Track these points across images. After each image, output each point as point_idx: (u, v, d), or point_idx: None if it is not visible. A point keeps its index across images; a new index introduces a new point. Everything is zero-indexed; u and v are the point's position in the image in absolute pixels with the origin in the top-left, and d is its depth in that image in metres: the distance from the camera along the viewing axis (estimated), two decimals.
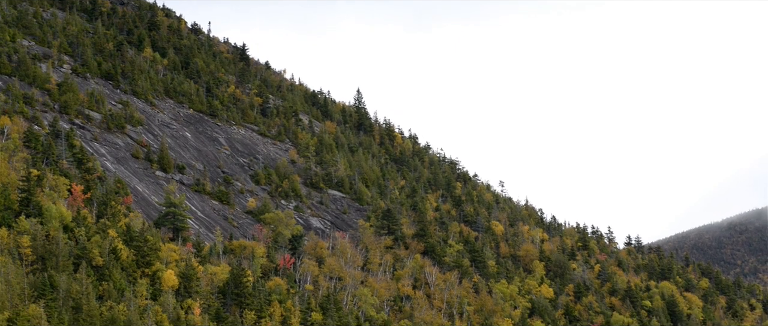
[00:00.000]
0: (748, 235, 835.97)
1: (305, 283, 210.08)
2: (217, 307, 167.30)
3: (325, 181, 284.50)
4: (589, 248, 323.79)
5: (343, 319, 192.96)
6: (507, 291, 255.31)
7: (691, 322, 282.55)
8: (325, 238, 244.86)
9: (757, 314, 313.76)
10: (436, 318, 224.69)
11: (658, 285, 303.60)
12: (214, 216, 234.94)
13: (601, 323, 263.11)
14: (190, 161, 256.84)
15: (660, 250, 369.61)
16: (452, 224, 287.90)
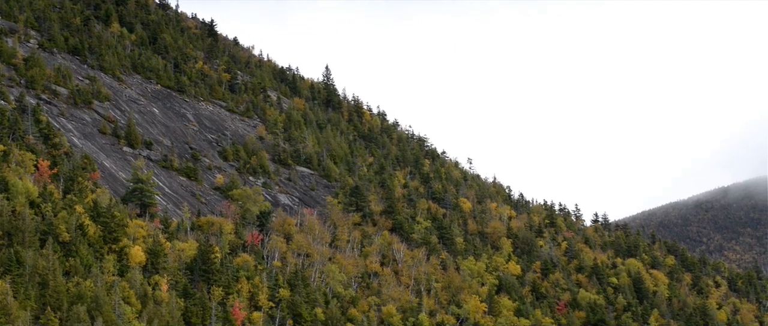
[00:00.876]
0: (713, 213, 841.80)
1: (273, 260, 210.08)
2: (185, 283, 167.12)
3: (293, 158, 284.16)
4: (556, 225, 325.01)
5: (311, 295, 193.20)
6: (474, 267, 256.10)
7: (656, 299, 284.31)
8: (293, 215, 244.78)
9: (722, 291, 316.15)
10: (403, 295, 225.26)
11: (624, 262, 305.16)
12: (182, 192, 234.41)
13: (567, 300, 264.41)
14: (157, 137, 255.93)
15: (627, 228, 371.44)
16: (420, 201, 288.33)
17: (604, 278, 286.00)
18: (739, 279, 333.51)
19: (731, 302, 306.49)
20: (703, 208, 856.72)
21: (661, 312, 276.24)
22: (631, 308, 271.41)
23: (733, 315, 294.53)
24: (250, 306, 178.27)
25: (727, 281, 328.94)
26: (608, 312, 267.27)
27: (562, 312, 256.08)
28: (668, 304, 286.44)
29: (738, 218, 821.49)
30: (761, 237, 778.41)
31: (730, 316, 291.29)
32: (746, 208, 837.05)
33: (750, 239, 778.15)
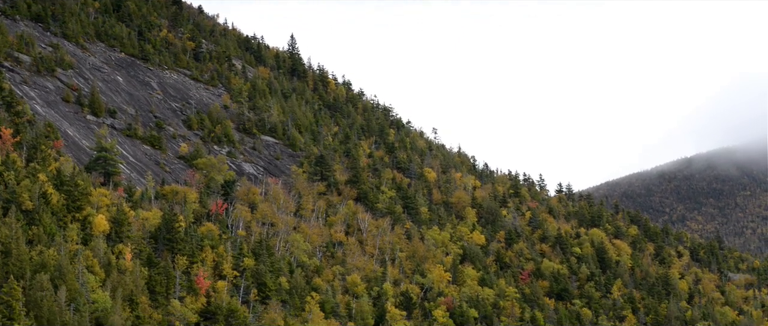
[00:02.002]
0: (676, 184, 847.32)
1: (237, 229, 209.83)
2: (149, 252, 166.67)
3: (258, 127, 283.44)
4: (520, 195, 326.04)
5: (276, 265, 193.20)
6: (439, 237, 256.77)
7: (619, 269, 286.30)
8: (258, 184, 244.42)
9: (685, 261, 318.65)
10: (368, 264, 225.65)
11: (587, 232, 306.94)
12: (146, 160, 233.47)
13: (531, 269, 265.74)
14: (121, 105, 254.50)
15: (590, 198, 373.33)
16: (385, 171, 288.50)
17: (567, 248, 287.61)
18: (701, 249, 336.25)
19: (693, 272, 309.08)
20: (666, 179, 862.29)
21: (624, 282, 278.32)
22: (594, 277, 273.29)
23: (694, 284, 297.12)
24: (215, 275, 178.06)
25: (689, 251, 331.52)
26: (571, 282, 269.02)
27: (525, 281, 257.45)
28: (631, 274, 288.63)
29: (700, 189, 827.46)
30: (723, 207, 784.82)
31: (692, 286, 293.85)
32: (709, 179, 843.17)
33: (712, 209, 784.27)
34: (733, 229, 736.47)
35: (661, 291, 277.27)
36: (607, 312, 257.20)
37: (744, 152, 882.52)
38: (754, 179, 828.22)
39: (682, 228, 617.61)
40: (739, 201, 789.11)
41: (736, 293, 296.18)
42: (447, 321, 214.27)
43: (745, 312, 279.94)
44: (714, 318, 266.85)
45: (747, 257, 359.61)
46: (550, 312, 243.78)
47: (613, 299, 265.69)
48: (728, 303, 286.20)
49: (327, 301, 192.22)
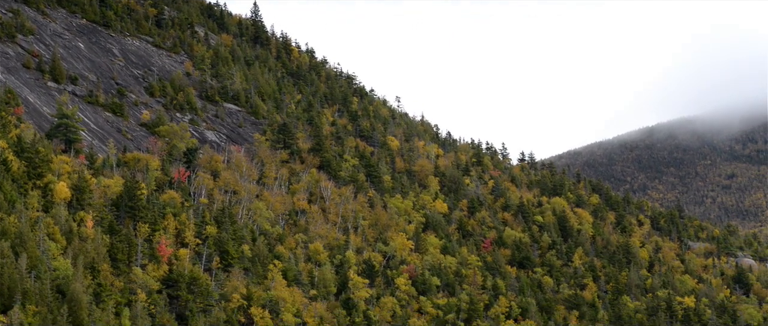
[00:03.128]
0: (638, 153, 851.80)
1: (200, 197, 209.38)
2: (111, 220, 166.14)
3: (220, 94, 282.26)
4: (483, 164, 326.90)
5: (238, 233, 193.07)
6: (402, 205, 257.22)
7: (581, 237, 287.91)
8: (221, 152, 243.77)
9: (645, 229, 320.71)
10: (330, 232, 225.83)
11: (549, 200, 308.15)
12: (108, 128, 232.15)
13: (493, 237, 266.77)
14: (83, 72, 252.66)
15: (552, 166, 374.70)
16: (348, 139, 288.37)
17: (529, 216, 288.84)
18: (662, 217, 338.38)
19: (654, 240, 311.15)
20: (628, 148, 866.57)
21: (585, 250, 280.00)
22: (555, 246, 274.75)
23: (655, 253, 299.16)
24: (177, 242, 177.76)
25: (650, 220, 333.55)
26: (533, 250, 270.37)
27: (487, 249, 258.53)
28: (592, 242, 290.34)
29: (662, 158, 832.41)
30: (684, 176, 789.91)
31: (653, 254, 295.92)
32: (670, 148, 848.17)
33: (673, 179, 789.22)
34: (693, 198, 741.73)
35: (621, 260, 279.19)
36: (568, 280, 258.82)
37: (705, 122, 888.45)
38: (715, 149, 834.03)
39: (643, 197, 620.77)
40: (700, 170, 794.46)
41: (695, 261, 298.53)
42: (409, 289, 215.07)
43: (705, 280, 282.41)
44: (674, 287, 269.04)
45: (707, 226, 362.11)
46: (511, 280, 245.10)
47: (574, 267, 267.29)
48: (688, 271, 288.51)
49: (289, 269, 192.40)
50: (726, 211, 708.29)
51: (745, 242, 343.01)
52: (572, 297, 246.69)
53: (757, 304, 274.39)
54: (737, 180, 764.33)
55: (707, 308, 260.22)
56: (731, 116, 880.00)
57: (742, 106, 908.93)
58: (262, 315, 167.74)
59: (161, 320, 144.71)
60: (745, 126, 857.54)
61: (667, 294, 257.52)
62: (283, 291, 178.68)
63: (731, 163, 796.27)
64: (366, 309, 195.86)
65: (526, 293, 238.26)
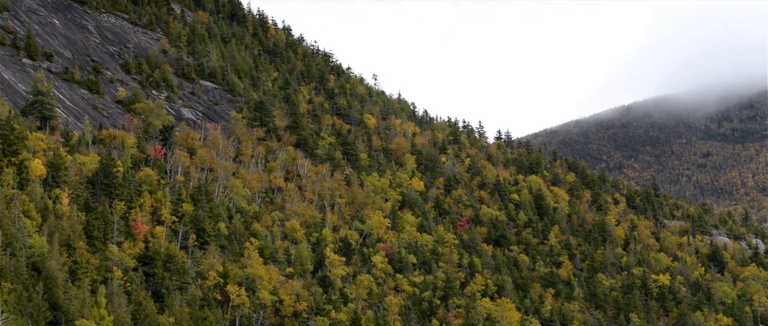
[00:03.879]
0: (614, 131, 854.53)
1: (176, 174, 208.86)
2: (86, 197, 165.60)
3: (197, 72, 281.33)
4: (459, 142, 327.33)
5: (214, 210, 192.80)
6: (378, 183, 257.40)
7: (557, 215, 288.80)
8: (197, 129, 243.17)
9: (621, 208, 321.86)
10: (307, 210, 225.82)
11: (526, 179, 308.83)
12: (83, 105, 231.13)
13: (469, 216, 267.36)
14: (58, 49, 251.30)
15: (529, 145, 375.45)
16: (325, 117, 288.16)
17: (505, 194, 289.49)
18: (638, 196, 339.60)
19: (629, 218, 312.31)
20: (604, 126, 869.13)
21: (561, 228, 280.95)
22: (531, 224, 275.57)
23: (630, 231, 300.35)
24: (153, 220, 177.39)
25: (626, 198, 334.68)
26: (509, 228, 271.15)
27: (464, 227, 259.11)
28: (568, 220, 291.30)
29: (637, 136, 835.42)
30: (660, 155, 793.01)
31: (628, 232, 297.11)
32: (646, 127, 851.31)
33: (649, 157, 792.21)
34: (668, 177, 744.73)
35: (597, 238, 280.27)
36: (544, 258, 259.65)
37: (680, 101, 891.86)
38: (690, 127, 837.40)
39: (619, 175, 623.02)
40: (675, 149, 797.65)
41: (670, 240, 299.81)
42: (386, 266, 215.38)
43: (680, 258, 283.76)
44: (649, 265, 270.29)
45: (682, 204, 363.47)
46: (488, 258, 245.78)
47: (550, 245, 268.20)
48: (663, 249, 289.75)
49: (266, 247, 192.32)
50: (701, 190, 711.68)
51: (720, 220, 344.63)
52: (548, 275, 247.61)
53: (732, 282, 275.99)
54: (712, 158, 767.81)
55: (682, 286, 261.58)
56: (707, 95, 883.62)
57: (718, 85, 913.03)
58: (238, 292, 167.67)
59: (137, 297, 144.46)
60: (721, 105, 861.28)
61: (642, 272, 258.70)
62: (259, 269, 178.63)
63: (707, 142, 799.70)
64: (342, 287, 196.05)
65: (502, 271, 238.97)
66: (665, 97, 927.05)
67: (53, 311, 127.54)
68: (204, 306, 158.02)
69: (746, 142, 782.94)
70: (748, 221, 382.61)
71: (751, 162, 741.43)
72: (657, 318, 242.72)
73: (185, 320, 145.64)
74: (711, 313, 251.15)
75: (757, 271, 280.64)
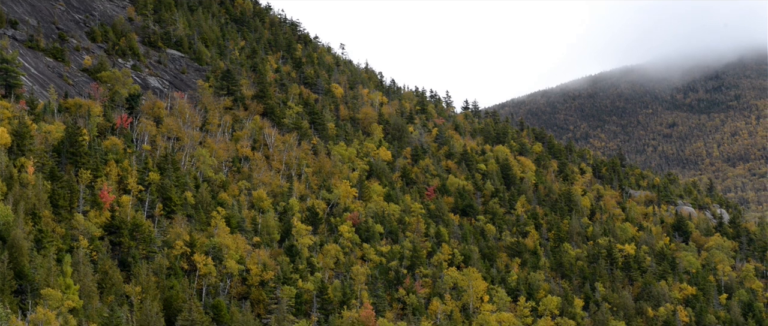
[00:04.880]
0: (580, 101, 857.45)
1: (142, 143, 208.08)
2: (52, 166, 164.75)
3: (163, 40, 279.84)
4: (427, 112, 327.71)
5: (181, 179, 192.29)
6: (345, 153, 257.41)
7: (523, 185, 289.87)
8: (164, 98, 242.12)
9: (587, 177, 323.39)
10: (274, 180, 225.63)
11: (493, 148, 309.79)
12: (49, 73, 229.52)
13: (436, 185, 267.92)
14: (23, 16, 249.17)
15: (496, 115, 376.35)
16: (292, 86, 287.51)
17: (472, 164, 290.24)
18: (604, 166, 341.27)
19: (595, 188, 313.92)
20: (571, 97, 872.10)
21: (528, 198, 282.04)
22: (498, 194, 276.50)
23: (596, 201, 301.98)
24: (119, 189, 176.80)
25: (592, 168, 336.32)
26: (476, 198, 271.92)
27: (431, 197, 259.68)
28: (535, 190, 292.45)
29: (604, 107, 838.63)
30: (626, 125, 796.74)
31: (594, 202, 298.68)
32: (612, 97, 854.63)
33: (615, 127, 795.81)
34: (634, 147, 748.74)
35: (563, 208, 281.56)
36: (510, 227, 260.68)
37: (647, 71, 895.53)
38: (656, 97, 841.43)
39: (586, 145, 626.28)
40: (641, 119, 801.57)
41: (636, 209, 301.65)
42: (353, 236, 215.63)
43: (645, 228, 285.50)
44: (614, 234, 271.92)
45: (648, 174, 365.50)
46: (454, 227, 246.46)
47: (517, 215, 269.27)
48: (629, 219, 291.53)
49: (233, 216, 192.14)
50: (667, 160, 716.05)
51: (685, 190, 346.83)
52: (514, 244, 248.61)
53: (696, 252, 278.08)
54: (678, 129, 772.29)
55: (647, 255, 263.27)
56: (673, 66, 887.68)
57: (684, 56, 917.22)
58: (205, 261, 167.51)
59: (103, 266, 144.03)
60: (687, 75, 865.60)
61: (607, 241, 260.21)
62: (226, 238, 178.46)
63: (672, 112, 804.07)
64: (309, 256, 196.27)
65: (468, 240, 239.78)
66: (631, 67, 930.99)
67: (18, 280, 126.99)
68: (170, 275, 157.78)
69: (712, 113, 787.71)
70: (712, 191, 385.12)
71: (716, 132, 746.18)
72: (622, 287, 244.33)
73: (151, 289, 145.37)
74: (675, 282, 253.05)
75: (721, 241, 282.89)
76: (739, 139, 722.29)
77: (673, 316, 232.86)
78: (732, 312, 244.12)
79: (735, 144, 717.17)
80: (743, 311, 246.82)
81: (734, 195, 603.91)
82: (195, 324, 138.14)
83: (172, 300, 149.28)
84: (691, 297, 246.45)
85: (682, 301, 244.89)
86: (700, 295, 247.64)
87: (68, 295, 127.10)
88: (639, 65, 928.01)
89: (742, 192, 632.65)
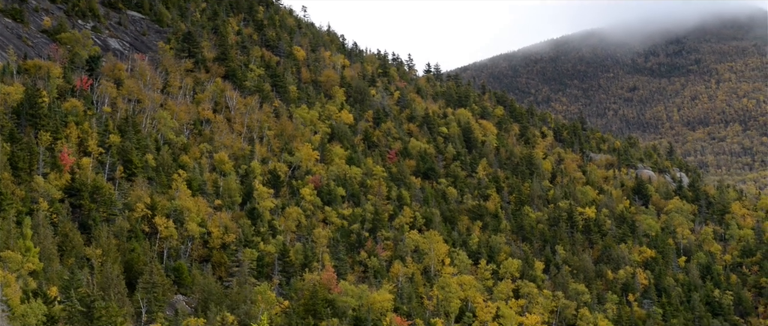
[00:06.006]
0: (542, 65, 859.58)
1: (103, 105, 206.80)
2: (11, 128, 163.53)
3: (123, 1, 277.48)
4: (389, 75, 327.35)
5: (142, 142, 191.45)
6: (307, 116, 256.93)
7: (485, 148, 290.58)
8: (124, 60, 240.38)
9: (548, 141, 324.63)
10: (236, 142, 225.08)
11: (454, 112, 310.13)
12: (7, 34, 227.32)
13: (398, 148, 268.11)
14: None
15: (458, 78, 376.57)
16: (254, 48, 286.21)
17: (434, 127, 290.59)
18: (565, 129, 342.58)
19: (556, 152, 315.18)
20: (533, 60, 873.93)
21: (489, 161, 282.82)
22: (460, 157, 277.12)
23: (557, 164, 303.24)
24: (79, 151, 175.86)
25: (553, 131, 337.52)
26: (438, 161, 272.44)
27: (393, 160, 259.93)
28: (496, 153, 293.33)
29: (565, 70, 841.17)
30: (587, 89, 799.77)
31: (555, 166, 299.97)
32: (574, 61, 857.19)
33: (576, 91, 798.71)
34: (595, 110, 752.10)
35: (524, 171, 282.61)
36: (471, 190, 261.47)
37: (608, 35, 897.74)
38: (617, 62, 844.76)
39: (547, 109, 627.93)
40: (603, 83, 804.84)
41: (597, 173, 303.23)
42: (314, 199, 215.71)
43: (605, 191, 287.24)
44: (575, 197, 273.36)
45: (608, 138, 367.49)
46: (416, 190, 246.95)
47: (478, 178, 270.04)
48: (589, 182, 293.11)
49: (194, 179, 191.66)
50: (627, 124, 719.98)
51: (645, 154, 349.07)
52: (475, 207, 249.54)
53: (656, 215, 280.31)
54: (639, 93, 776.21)
55: (607, 218, 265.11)
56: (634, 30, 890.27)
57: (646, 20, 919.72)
58: (166, 224, 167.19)
59: (63, 229, 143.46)
60: (648, 40, 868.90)
61: (568, 204, 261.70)
62: (187, 201, 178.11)
63: (633, 76, 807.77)
64: (271, 219, 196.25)
65: (430, 203, 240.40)
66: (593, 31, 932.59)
67: None
68: (131, 237, 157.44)
69: (672, 77, 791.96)
70: (672, 155, 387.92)
71: (676, 96, 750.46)
72: (582, 250, 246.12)
73: (112, 251, 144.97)
74: (635, 245, 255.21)
75: (680, 204, 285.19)
76: (699, 103, 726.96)
77: (633, 279, 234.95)
78: (690, 275, 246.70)
79: (695, 108, 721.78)
80: (702, 273, 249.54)
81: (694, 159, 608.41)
82: (156, 286, 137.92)
83: (132, 262, 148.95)
84: (651, 259, 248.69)
85: (641, 264, 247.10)
86: (660, 258, 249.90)
87: (28, 258, 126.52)
88: (600, 29, 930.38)
89: (701, 156, 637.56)
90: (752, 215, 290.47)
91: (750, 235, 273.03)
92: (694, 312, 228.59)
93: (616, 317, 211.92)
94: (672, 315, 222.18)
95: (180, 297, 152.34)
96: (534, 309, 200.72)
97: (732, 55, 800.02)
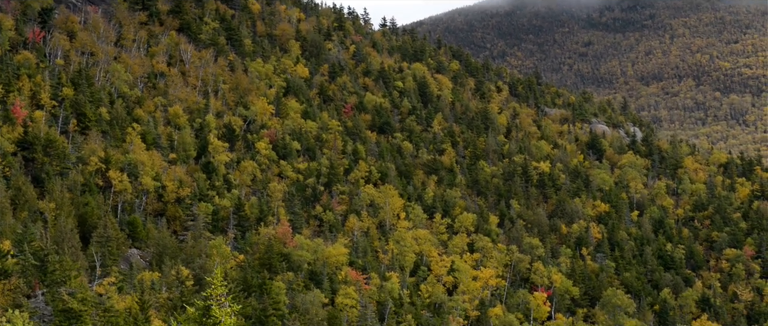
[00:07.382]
0: (498, 20, 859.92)
1: (56, 58, 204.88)
2: None
3: None
4: (344, 29, 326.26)
5: (96, 95, 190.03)
6: (262, 69, 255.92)
7: (440, 103, 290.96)
8: (77, 12, 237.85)
9: (504, 96, 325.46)
10: (190, 96, 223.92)
11: (410, 66, 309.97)
12: None
13: (354, 103, 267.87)
14: None
15: (414, 32, 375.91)
16: (208, 1, 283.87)
17: (390, 82, 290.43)
18: (520, 84, 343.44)
19: (511, 106, 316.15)
20: (489, 15, 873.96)
21: (445, 116, 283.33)
22: (415, 111, 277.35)
23: (512, 119, 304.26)
24: (32, 104, 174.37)
25: (508, 86, 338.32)
26: (393, 115, 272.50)
27: (348, 114, 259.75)
28: (451, 108, 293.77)
29: (521, 25, 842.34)
30: (542, 44, 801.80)
31: (510, 120, 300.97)
32: (529, 16, 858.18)
33: (532, 46, 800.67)
34: (550, 65, 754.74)
35: (480, 126, 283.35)
36: (427, 145, 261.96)
37: None
38: (573, 16, 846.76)
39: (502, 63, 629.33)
40: (558, 38, 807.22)
41: (551, 127, 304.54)
42: (270, 153, 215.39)
43: (560, 146, 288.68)
44: (530, 152, 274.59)
45: (563, 93, 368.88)
46: (371, 145, 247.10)
47: (434, 133, 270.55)
48: (544, 137, 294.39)
49: (148, 132, 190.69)
50: (582, 78, 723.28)
51: (600, 109, 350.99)
52: (431, 162, 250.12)
53: (609, 169, 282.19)
54: (594, 48, 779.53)
55: (561, 173, 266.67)
56: None
57: None
58: (120, 178, 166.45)
59: (16, 183, 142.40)
60: None
61: (523, 159, 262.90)
62: (141, 155, 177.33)
63: (588, 31, 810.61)
64: (226, 173, 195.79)
65: (385, 158, 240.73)
66: None
67: None
68: (85, 191, 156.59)
69: (627, 32, 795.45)
70: (626, 110, 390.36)
71: (631, 51, 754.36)
72: (536, 204, 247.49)
73: (66, 205, 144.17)
74: (589, 200, 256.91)
75: (634, 159, 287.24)
76: (653, 58, 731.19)
77: (586, 233, 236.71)
78: (643, 229, 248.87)
79: (649, 63, 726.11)
80: (654, 228, 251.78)
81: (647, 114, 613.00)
82: (110, 240, 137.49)
83: (86, 216, 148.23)
84: (604, 214, 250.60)
85: (595, 218, 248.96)
86: (613, 212, 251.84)
87: None
88: None
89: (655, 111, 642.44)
90: (704, 170, 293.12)
91: (702, 190, 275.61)
92: (647, 266, 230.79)
93: (570, 270, 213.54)
94: (625, 269, 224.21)
95: (134, 251, 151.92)
96: (488, 263, 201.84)
97: (686, 10, 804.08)
